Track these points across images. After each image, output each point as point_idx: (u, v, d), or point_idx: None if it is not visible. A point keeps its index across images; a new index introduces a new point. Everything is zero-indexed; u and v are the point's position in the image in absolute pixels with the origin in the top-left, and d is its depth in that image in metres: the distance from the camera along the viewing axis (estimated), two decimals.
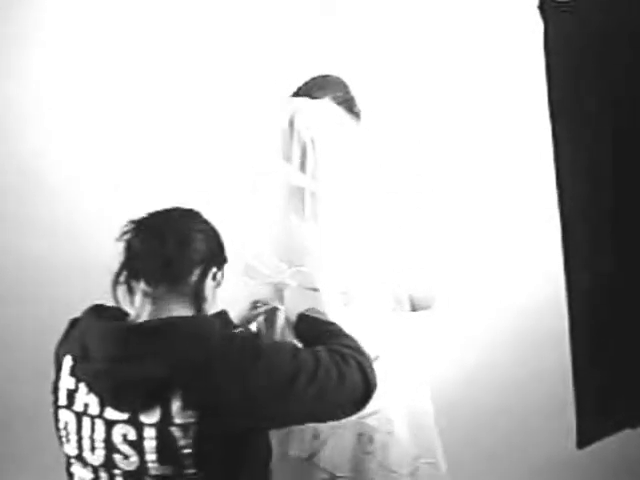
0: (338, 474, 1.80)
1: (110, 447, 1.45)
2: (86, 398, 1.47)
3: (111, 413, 1.45)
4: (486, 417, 3.14)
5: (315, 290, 1.75)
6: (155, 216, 1.55)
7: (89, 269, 3.11)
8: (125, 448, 1.44)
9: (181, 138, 3.14)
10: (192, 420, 1.40)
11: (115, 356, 1.43)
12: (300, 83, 1.89)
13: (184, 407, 1.40)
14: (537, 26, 1.69)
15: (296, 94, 1.86)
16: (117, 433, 1.44)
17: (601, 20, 1.73)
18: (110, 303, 1.56)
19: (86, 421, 1.47)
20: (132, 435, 1.43)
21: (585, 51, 1.72)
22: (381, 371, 1.81)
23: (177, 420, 1.40)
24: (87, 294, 2.99)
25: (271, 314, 1.85)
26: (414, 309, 1.88)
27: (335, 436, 1.80)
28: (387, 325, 1.80)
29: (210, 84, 3.10)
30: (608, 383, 1.93)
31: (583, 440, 1.95)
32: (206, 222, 1.57)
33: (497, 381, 3.17)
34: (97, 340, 1.46)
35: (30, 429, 3.10)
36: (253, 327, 1.91)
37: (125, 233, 1.53)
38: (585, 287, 1.86)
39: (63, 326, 1.61)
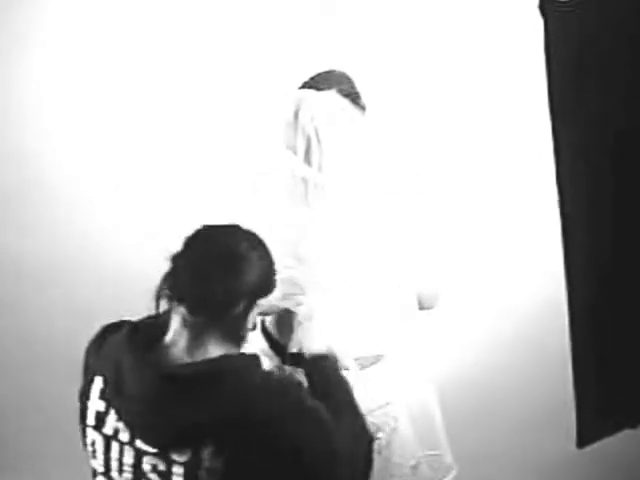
0: None
1: (139, 473, 1.43)
2: (116, 424, 1.45)
3: (142, 444, 1.42)
4: (485, 417, 3.13)
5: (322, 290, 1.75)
6: (206, 237, 1.46)
7: (89, 269, 3.13)
8: (154, 476, 1.42)
9: (181, 138, 3.14)
10: (221, 466, 1.38)
11: (151, 401, 1.40)
12: (305, 79, 1.89)
13: (215, 454, 1.38)
14: (537, 26, 1.69)
15: (302, 87, 1.87)
16: (147, 462, 1.42)
17: (601, 20, 1.73)
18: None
19: (115, 445, 1.45)
20: (162, 467, 1.41)
21: (585, 51, 1.72)
22: (385, 369, 1.82)
23: (206, 464, 1.39)
24: (87, 294, 3.01)
25: (283, 316, 1.82)
26: (418, 308, 1.88)
27: None
28: (392, 323, 1.80)
29: (210, 84, 3.10)
30: (608, 383, 1.94)
31: (583, 440, 1.95)
32: (261, 245, 1.48)
33: (497, 381, 3.17)
34: (132, 380, 1.41)
35: (29, 429, 3.10)
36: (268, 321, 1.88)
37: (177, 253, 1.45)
38: (585, 287, 1.87)
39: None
